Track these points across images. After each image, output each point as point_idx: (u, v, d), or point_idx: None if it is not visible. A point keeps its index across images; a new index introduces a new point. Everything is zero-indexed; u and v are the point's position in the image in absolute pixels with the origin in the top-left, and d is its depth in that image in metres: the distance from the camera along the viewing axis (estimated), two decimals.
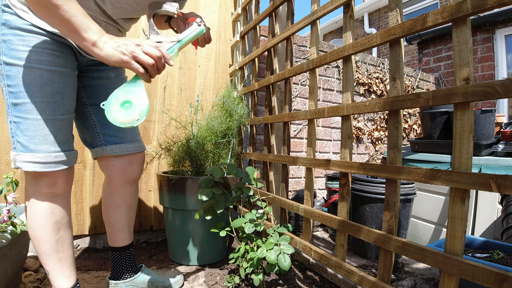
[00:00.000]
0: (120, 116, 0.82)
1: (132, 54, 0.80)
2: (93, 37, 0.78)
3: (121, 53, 0.80)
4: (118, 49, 0.80)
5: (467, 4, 0.74)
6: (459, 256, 0.76)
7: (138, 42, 0.82)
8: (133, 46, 0.80)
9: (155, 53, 0.82)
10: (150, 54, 0.82)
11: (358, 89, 2.98)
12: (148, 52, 0.81)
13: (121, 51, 0.80)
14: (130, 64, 0.81)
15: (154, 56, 0.82)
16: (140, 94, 0.84)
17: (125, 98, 0.83)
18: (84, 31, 0.77)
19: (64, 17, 0.74)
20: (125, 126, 0.83)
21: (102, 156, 1.16)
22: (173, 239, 1.63)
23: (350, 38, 1.13)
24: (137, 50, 0.81)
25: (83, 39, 0.78)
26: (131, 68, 0.82)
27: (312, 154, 1.33)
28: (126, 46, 0.80)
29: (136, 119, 0.83)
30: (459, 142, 0.78)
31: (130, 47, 0.80)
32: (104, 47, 0.79)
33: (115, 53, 0.80)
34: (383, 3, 6.93)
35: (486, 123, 1.89)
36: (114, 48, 0.79)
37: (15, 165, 0.92)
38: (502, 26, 3.41)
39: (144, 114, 0.83)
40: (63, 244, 1.01)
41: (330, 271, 1.25)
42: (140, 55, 0.81)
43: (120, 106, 0.83)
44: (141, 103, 0.84)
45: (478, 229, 1.73)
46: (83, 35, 0.77)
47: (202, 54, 2.11)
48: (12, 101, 0.90)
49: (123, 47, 0.80)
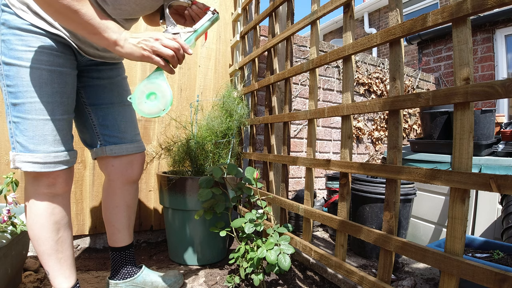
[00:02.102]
0: (146, 108, 0.88)
1: (152, 48, 0.85)
2: (113, 36, 0.81)
3: (141, 49, 0.84)
4: (139, 45, 0.84)
5: (467, 4, 0.74)
6: (459, 256, 0.76)
7: (157, 36, 0.85)
8: (153, 41, 0.85)
9: (173, 45, 0.86)
10: (169, 46, 0.86)
11: (358, 89, 2.98)
12: (167, 44, 0.86)
13: (141, 47, 0.84)
14: (151, 58, 0.86)
15: (173, 47, 0.87)
16: (163, 85, 0.89)
17: (150, 90, 0.88)
18: (104, 32, 0.80)
19: (83, 21, 0.77)
20: (152, 117, 0.89)
21: (101, 157, 1.16)
22: (173, 239, 1.63)
23: (350, 38, 1.13)
24: (157, 44, 0.85)
25: (104, 39, 0.81)
26: (153, 62, 0.86)
27: (312, 154, 1.33)
28: (146, 42, 0.84)
29: (162, 109, 0.88)
30: (459, 142, 0.78)
31: (150, 42, 0.84)
32: (125, 45, 0.83)
33: (136, 49, 0.84)
34: (383, 3, 6.93)
35: (486, 123, 1.89)
36: (135, 45, 0.83)
37: (14, 165, 0.92)
38: (502, 26, 3.41)
39: (169, 104, 0.88)
40: (63, 244, 1.01)
41: (330, 271, 1.25)
42: (160, 49, 0.85)
43: (146, 98, 0.88)
44: (165, 94, 0.89)
45: (478, 229, 1.73)
46: (103, 35, 0.80)
47: (202, 54, 2.11)
48: (12, 101, 0.90)
49: (143, 43, 0.84)
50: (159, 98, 0.88)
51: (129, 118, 1.19)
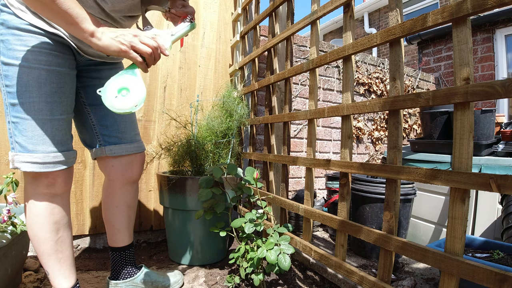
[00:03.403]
0: (117, 103, 0.85)
1: (130, 44, 0.84)
2: (90, 28, 0.80)
3: (119, 43, 0.83)
4: (116, 39, 0.83)
5: (467, 4, 0.74)
6: (459, 256, 0.76)
7: (136, 32, 0.85)
8: (131, 37, 0.84)
9: (152, 43, 0.86)
10: (148, 44, 0.86)
11: (358, 89, 2.98)
12: (146, 42, 0.85)
13: (119, 41, 0.83)
14: (128, 53, 0.85)
15: (151, 45, 0.86)
16: (137, 81, 0.87)
17: (122, 85, 0.86)
18: (81, 22, 0.79)
19: (60, 10, 0.76)
20: (123, 112, 0.85)
21: (101, 157, 1.16)
22: (173, 239, 1.63)
23: (350, 38, 1.13)
24: (135, 40, 0.84)
25: (81, 30, 0.80)
26: (129, 57, 0.85)
27: (312, 154, 1.33)
28: (124, 36, 0.83)
29: (134, 105, 0.85)
30: (459, 142, 0.78)
31: (128, 37, 0.84)
32: (102, 37, 0.82)
33: (114, 42, 0.82)
34: (383, 3, 6.93)
35: (486, 123, 1.89)
36: (112, 38, 0.82)
37: (13, 166, 0.92)
38: (502, 26, 3.41)
39: (141, 101, 0.86)
40: (62, 244, 1.01)
41: (330, 271, 1.25)
42: (138, 45, 0.84)
43: (118, 93, 0.85)
44: (138, 90, 0.87)
45: (478, 229, 1.73)
46: (80, 26, 0.79)
47: (202, 54, 2.11)
48: (11, 101, 0.90)
49: (121, 37, 0.83)
50: (131, 94, 0.86)
51: (128, 118, 1.19)
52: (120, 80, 0.87)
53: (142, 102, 0.86)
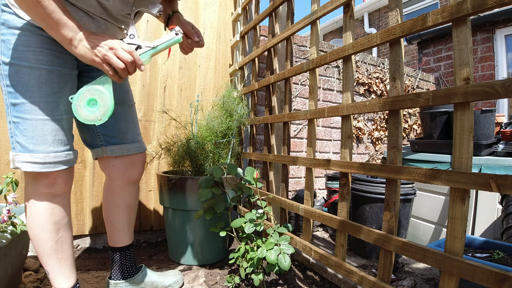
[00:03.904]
0: (84, 113, 0.87)
1: (104, 57, 0.84)
2: (68, 34, 0.81)
3: (93, 55, 0.84)
4: (92, 50, 0.84)
5: (467, 4, 0.74)
6: (459, 256, 0.76)
7: (112, 45, 0.85)
8: (106, 49, 0.84)
9: (127, 58, 0.86)
10: (122, 58, 0.85)
11: (358, 89, 2.98)
12: (121, 56, 0.85)
13: (94, 53, 0.84)
14: (101, 65, 0.86)
15: (125, 60, 0.86)
16: (106, 94, 0.88)
17: (91, 96, 0.87)
18: (61, 28, 0.80)
19: (43, 13, 0.78)
20: (87, 123, 0.87)
21: (102, 157, 1.16)
22: (173, 239, 1.63)
23: (350, 38, 1.13)
24: (109, 53, 0.84)
25: (60, 35, 0.82)
26: (102, 69, 0.87)
27: (312, 154, 1.33)
28: (100, 49, 0.84)
29: (99, 119, 0.87)
30: (459, 142, 0.78)
31: (104, 50, 0.84)
32: (79, 46, 0.83)
33: (89, 53, 0.84)
34: (383, 3, 6.93)
35: (486, 123, 1.89)
36: (88, 48, 0.83)
37: (14, 165, 0.92)
38: (502, 26, 3.41)
39: (107, 116, 0.87)
40: (62, 244, 1.01)
41: (330, 271, 1.25)
42: (111, 59, 0.85)
43: (86, 104, 0.87)
44: (106, 104, 0.87)
45: (478, 229, 1.73)
46: (60, 31, 0.81)
47: (202, 54, 2.11)
48: (11, 101, 0.90)
49: (97, 49, 0.84)
50: (98, 107, 0.87)
51: (130, 118, 1.19)
52: (91, 90, 0.88)
53: (107, 117, 0.87)
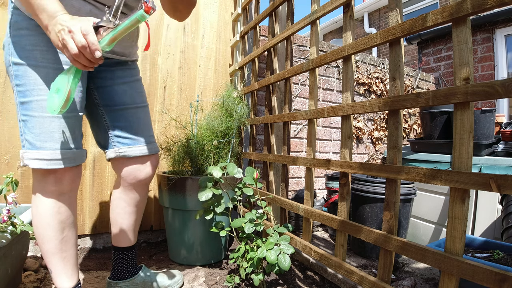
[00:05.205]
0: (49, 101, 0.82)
1: (63, 41, 0.76)
2: (45, 21, 0.78)
3: (57, 40, 0.78)
4: (58, 34, 0.77)
5: (467, 4, 0.74)
6: (459, 256, 0.76)
7: (72, 27, 0.75)
8: (65, 33, 0.76)
9: (80, 42, 0.75)
10: (76, 42, 0.75)
11: (358, 89, 2.98)
12: (76, 39, 0.75)
13: (57, 38, 0.77)
14: (63, 51, 0.78)
15: (79, 45, 0.75)
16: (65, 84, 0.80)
17: (57, 85, 0.83)
18: (40, 13, 0.78)
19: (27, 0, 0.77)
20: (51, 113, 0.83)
21: (115, 157, 1.16)
22: (173, 239, 1.63)
23: (350, 38, 1.13)
24: (67, 37, 0.75)
25: (40, 22, 0.80)
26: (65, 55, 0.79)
27: (312, 154, 1.33)
28: (62, 32, 0.76)
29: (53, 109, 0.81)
30: (459, 142, 0.78)
31: (64, 33, 0.76)
32: (52, 32, 0.78)
33: (55, 38, 0.78)
34: (383, 3, 6.93)
35: (486, 123, 1.89)
36: (56, 33, 0.77)
37: (23, 163, 0.93)
38: (502, 26, 3.41)
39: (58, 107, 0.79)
40: (67, 243, 1.01)
41: (330, 271, 1.25)
42: (68, 43, 0.75)
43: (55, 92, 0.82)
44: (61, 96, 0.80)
45: (478, 229, 1.73)
46: (39, 17, 0.79)
47: (202, 54, 2.11)
48: (20, 100, 0.92)
49: (60, 33, 0.76)
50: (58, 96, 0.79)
51: (142, 119, 1.18)
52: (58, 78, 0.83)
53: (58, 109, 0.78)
